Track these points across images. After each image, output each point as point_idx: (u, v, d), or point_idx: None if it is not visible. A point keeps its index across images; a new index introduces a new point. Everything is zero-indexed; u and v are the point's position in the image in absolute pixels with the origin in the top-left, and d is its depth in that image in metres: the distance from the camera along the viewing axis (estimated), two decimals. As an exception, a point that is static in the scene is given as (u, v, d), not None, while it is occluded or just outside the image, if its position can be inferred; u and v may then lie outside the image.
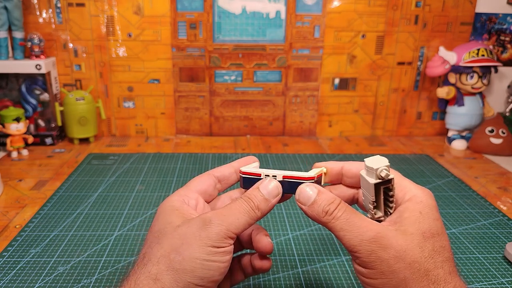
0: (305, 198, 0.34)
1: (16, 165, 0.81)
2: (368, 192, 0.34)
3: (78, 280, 0.48)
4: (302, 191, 0.34)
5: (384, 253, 0.30)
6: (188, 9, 0.92)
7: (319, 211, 0.33)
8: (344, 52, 0.97)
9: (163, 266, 0.30)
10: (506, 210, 0.68)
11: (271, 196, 0.34)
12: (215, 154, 0.89)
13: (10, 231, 0.59)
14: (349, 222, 0.31)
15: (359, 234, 0.31)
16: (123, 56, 0.94)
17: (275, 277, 0.50)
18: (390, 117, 1.04)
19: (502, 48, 1.01)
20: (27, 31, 0.90)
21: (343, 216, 0.32)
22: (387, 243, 0.30)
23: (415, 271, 0.30)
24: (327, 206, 0.32)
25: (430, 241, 0.31)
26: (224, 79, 0.98)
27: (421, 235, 0.31)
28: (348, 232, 0.31)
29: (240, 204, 0.33)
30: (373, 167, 0.32)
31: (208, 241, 0.30)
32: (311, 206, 0.33)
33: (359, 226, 0.31)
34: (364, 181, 0.34)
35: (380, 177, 0.33)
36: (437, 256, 0.31)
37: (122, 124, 1.00)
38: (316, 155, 0.89)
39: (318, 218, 0.33)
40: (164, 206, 0.35)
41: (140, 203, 0.67)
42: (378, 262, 0.30)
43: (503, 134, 0.92)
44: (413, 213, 0.32)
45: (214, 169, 0.40)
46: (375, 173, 0.33)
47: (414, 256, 0.30)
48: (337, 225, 0.32)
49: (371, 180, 0.33)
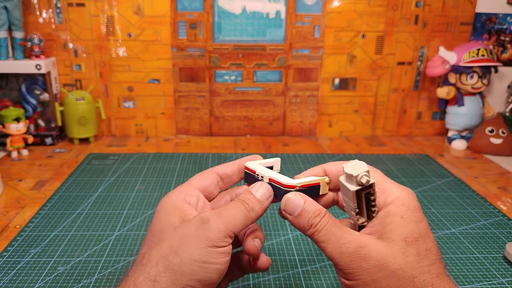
0: (291, 209, 0.33)
1: (16, 165, 0.82)
2: (349, 199, 0.33)
3: (78, 280, 0.48)
4: (289, 201, 0.33)
5: (364, 263, 0.30)
6: (188, 9, 0.92)
7: (305, 223, 0.32)
8: (344, 52, 0.97)
9: (162, 268, 0.30)
10: (506, 210, 0.68)
11: (263, 198, 0.35)
12: (215, 154, 0.89)
13: (10, 231, 0.59)
14: (329, 234, 0.31)
15: (339, 247, 0.31)
16: (123, 56, 0.94)
17: (275, 277, 0.50)
18: (390, 117, 1.04)
19: (502, 48, 1.01)
20: (27, 31, 0.90)
21: (325, 227, 0.32)
22: (367, 253, 0.30)
23: (399, 279, 0.29)
24: (312, 219, 0.32)
25: (414, 246, 0.30)
26: (224, 79, 0.98)
27: (403, 241, 0.30)
28: (329, 244, 0.31)
29: (236, 205, 0.33)
30: (352, 173, 0.32)
31: (207, 241, 0.30)
32: (297, 217, 0.33)
33: (340, 237, 0.31)
34: (344, 188, 0.33)
35: (361, 183, 0.32)
36: (422, 260, 0.30)
37: (122, 124, 1.00)
38: (316, 155, 0.89)
39: (303, 230, 0.33)
40: (164, 204, 0.35)
41: (140, 203, 0.67)
42: (359, 272, 0.30)
43: (503, 134, 0.92)
44: (395, 218, 0.32)
45: (218, 166, 0.39)
46: (355, 180, 0.32)
47: (397, 263, 0.30)
48: (319, 237, 0.32)
49: (351, 187, 0.32)
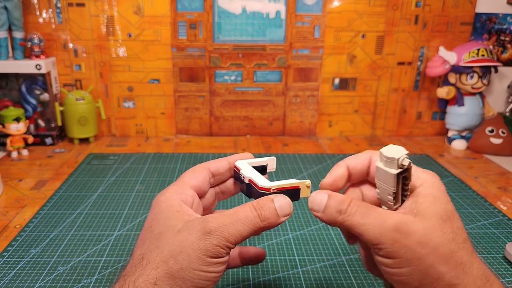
0: (317, 205, 0.33)
1: (16, 165, 0.81)
2: (387, 184, 0.33)
3: (78, 280, 0.48)
4: (314, 199, 0.33)
5: (407, 240, 0.29)
6: (188, 9, 0.92)
7: (332, 212, 0.32)
8: (344, 52, 0.97)
9: (162, 272, 0.30)
10: (506, 210, 0.68)
11: (282, 214, 0.33)
12: (215, 154, 0.89)
13: (10, 231, 0.59)
14: (365, 215, 0.31)
15: (379, 225, 0.30)
16: (123, 56, 0.94)
17: (275, 277, 0.50)
18: (390, 117, 1.04)
19: (502, 48, 1.01)
20: (27, 31, 0.90)
21: (359, 211, 0.31)
22: (409, 229, 0.30)
23: (441, 255, 0.29)
24: (339, 206, 0.32)
25: (449, 223, 0.31)
26: (224, 79, 0.98)
27: (440, 218, 0.31)
28: (367, 225, 0.30)
29: (248, 212, 0.32)
30: (394, 157, 0.31)
31: (206, 252, 0.30)
32: (324, 211, 0.33)
33: (377, 217, 0.31)
34: (383, 173, 0.33)
35: (402, 166, 0.32)
36: (458, 238, 0.31)
37: (122, 124, 1.00)
38: (316, 155, 0.89)
39: (334, 220, 0.32)
40: (162, 205, 0.34)
41: (140, 203, 0.67)
42: (403, 250, 0.29)
43: (503, 134, 0.92)
44: (428, 198, 0.32)
45: (210, 162, 0.39)
46: (396, 163, 0.32)
47: (437, 239, 0.30)
48: (355, 221, 0.31)
49: (392, 170, 0.32)
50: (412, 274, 0.29)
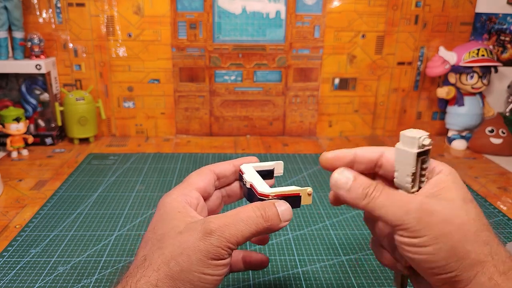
0: (343, 183, 0.33)
1: (16, 165, 0.81)
2: (406, 164, 0.33)
3: (78, 280, 0.48)
4: (339, 178, 0.33)
5: (433, 218, 0.30)
6: (188, 9, 0.92)
7: (358, 194, 0.32)
8: (344, 52, 0.97)
9: (163, 274, 0.30)
10: (506, 210, 0.68)
11: (283, 219, 0.33)
12: (215, 154, 0.89)
13: (10, 231, 0.59)
14: (390, 198, 0.31)
15: (403, 206, 0.30)
16: (123, 56, 0.94)
17: (275, 277, 0.50)
18: (390, 117, 1.04)
19: (502, 48, 1.01)
20: (27, 31, 0.90)
21: (383, 194, 0.31)
22: (433, 209, 0.30)
23: (466, 233, 0.30)
24: (366, 189, 0.32)
25: (471, 206, 0.31)
26: (224, 79, 0.98)
27: (462, 200, 0.31)
28: (391, 206, 0.31)
29: (250, 212, 0.32)
30: (415, 136, 0.32)
31: (207, 254, 0.30)
32: (349, 190, 0.32)
33: (401, 199, 0.31)
34: (402, 153, 0.33)
35: (422, 146, 0.32)
36: (481, 219, 0.31)
37: (122, 124, 1.00)
38: (316, 155, 0.89)
39: (357, 202, 0.32)
40: (167, 206, 0.34)
41: (140, 203, 0.67)
42: (428, 228, 0.29)
43: (503, 134, 0.92)
44: (447, 183, 0.32)
45: (215, 165, 0.39)
46: (417, 143, 0.32)
47: (462, 218, 0.30)
48: (378, 203, 0.31)
49: (413, 149, 0.32)
50: (438, 252, 0.29)
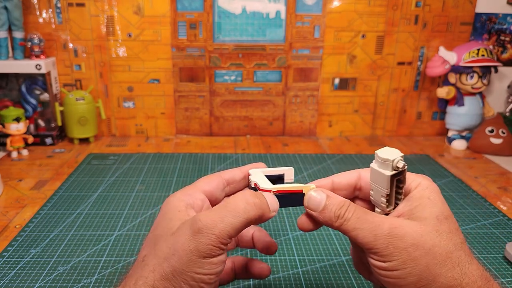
0: (315, 204, 0.33)
1: (16, 165, 0.81)
2: (381, 185, 0.33)
3: (78, 280, 0.48)
4: (311, 197, 0.33)
5: (401, 243, 0.29)
6: (188, 9, 0.92)
7: (331, 216, 0.32)
8: (344, 52, 0.97)
9: (158, 275, 0.30)
10: (506, 210, 0.68)
11: (272, 208, 0.33)
12: (215, 154, 0.89)
13: (10, 231, 0.59)
14: (361, 220, 0.31)
15: (373, 230, 0.30)
16: (123, 56, 0.94)
17: (275, 277, 0.50)
18: (390, 117, 1.04)
19: (502, 48, 1.01)
20: (27, 31, 0.90)
21: (354, 215, 0.31)
22: (402, 232, 0.30)
23: (436, 256, 0.30)
24: (338, 210, 0.32)
25: (445, 224, 0.31)
26: (224, 79, 0.98)
27: (435, 219, 0.31)
28: (362, 230, 0.31)
29: (238, 202, 0.31)
30: (389, 158, 0.32)
31: (198, 253, 0.29)
32: (322, 212, 0.33)
33: (372, 222, 0.31)
34: (377, 174, 0.33)
35: (396, 168, 0.32)
36: (455, 238, 0.31)
37: (122, 124, 1.00)
38: (316, 155, 0.89)
39: (330, 223, 0.32)
40: (168, 206, 0.34)
41: (140, 203, 0.67)
42: (396, 252, 0.29)
43: (503, 134, 0.92)
44: (423, 200, 0.32)
45: (225, 171, 0.39)
46: (391, 165, 0.32)
47: (433, 240, 0.30)
48: (350, 226, 0.31)
49: (386, 172, 0.32)
50: (406, 277, 0.29)
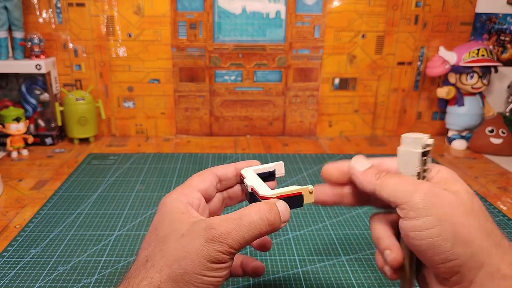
0: (361, 165, 0.36)
1: (16, 165, 0.81)
2: (412, 165, 0.34)
3: (78, 280, 0.48)
4: (358, 160, 0.37)
5: (438, 199, 0.30)
6: (188, 9, 0.92)
7: (371, 174, 0.35)
8: (344, 52, 0.97)
9: (165, 276, 0.30)
10: (506, 210, 0.68)
11: (283, 218, 0.33)
12: (215, 154, 0.89)
13: (10, 231, 0.59)
14: (401, 178, 0.33)
15: (412, 185, 0.32)
16: (123, 56, 0.94)
17: (275, 277, 0.50)
18: (390, 117, 1.04)
19: (502, 48, 1.01)
20: (27, 31, 0.90)
21: (395, 176, 0.34)
22: (440, 193, 0.31)
23: (470, 220, 0.30)
24: (379, 172, 0.35)
25: (475, 198, 0.32)
26: (224, 79, 0.98)
27: (466, 193, 0.32)
28: (401, 184, 0.32)
29: (253, 217, 0.32)
30: (418, 136, 0.34)
31: (209, 258, 0.30)
32: (365, 171, 0.35)
33: (411, 181, 0.32)
34: (406, 155, 0.34)
35: (426, 145, 0.33)
36: (484, 212, 0.31)
37: (122, 124, 1.00)
38: (316, 155, 0.89)
39: (370, 180, 0.35)
40: (168, 207, 0.34)
41: (140, 203, 0.67)
42: (433, 208, 0.30)
43: (503, 134, 0.92)
44: (448, 180, 0.33)
45: (217, 167, 0.39)
46: (420, 142, 0.33)
47: (466, 206, 0.31)
48: (390, 182, 0.33)
49: (416, 149, 0.34)
50: (443, 233, 0.29)
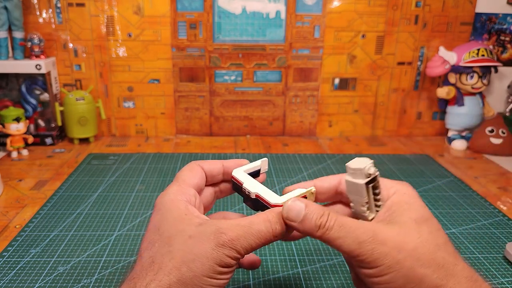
0: (294, 214, 0.32)
1: (16, 165, 0.81)
2: (358, 195, 0.34)
3: (78, 280, 0.48)
4: (290, 208, 0.32)
5: (384, 248, 0.30)
6: (188, 9, 0.92)
7: (311, 226, 0.31)
8: (344, 52, 0.97)
9: (175, 279, 0.30)
10: (506, 210, 0.68)
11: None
12: (215, 154, 0.89)
13: (10, 231, 0.59)
14: (343, 229, 0.31)
15: (356, 238, 0.30)
16: (123, 56, 0.94)
17: (275, 277, 0.50)
18: (390, 117, 1.04)
19: (502, 48, 1.01)
20: (27, 31, 0.90)
21: (336, 224, 0.31)
22: (384, 237, 0.30)
23: (419, 257, 0.30)
24: (319, 220, 0.31)
25: (425, 226, 0.31)
26: (224, 79, 0.98)
27: (414, 222, 0.31)
28: (345, 238, 0.31)
29: (262, 226, 0.32)
30: (360, 167, 0.33)
31: (219, 262, 0.30)
32: (302, 222, 0.32)
33: (354, 230, 0.31)
34: (352, 185, 0.34)
35: (369, 175, 0.33)
36: (436, 239, 0.31)
37: (122, 124, 1.00)
38: (316, 155, 0.89)
39: (312, 233, 0.32)
40: (168, 206, 0.34)
41: (140, 203, 0.67)
42: (381, 257, 0.30)
43: (503, 134, 0.92)
44: (401, 205, 0.33)
45: (203, 162, 0.39)
46: (363, 173, 0.33)
47: (414, 242, 0.30)
48: (332, 235, 0.31)
49: (360, 181, 0.33)
50: (394, 281, 0.30)
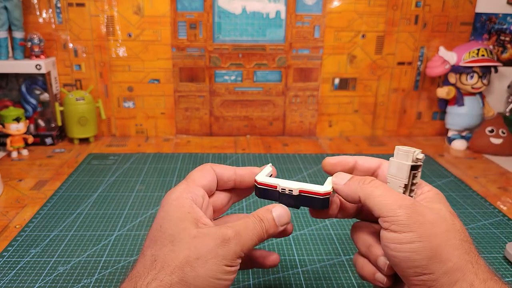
0: (342, 177, 0.36)
1: (16, 165, 0.81)
2: (400, 176, 0.35)
3: (78, 280, 0.48)
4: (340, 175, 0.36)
5: (421, 218, 0.31)
6: (188, 9, 0.92)
7: (355, 184, 0.34)
8: (344, 52, 0.97)
9: (177, 278, 0.29)
10: (506, 210, 0.68)
11: (280, 223, 0.35)
12: (215, 154, 0.89)
13: (10, 231, 0.59)
14: (387, 190, 0.33)
15: (397, 200, 0.32)
16: (123, 56, 0.94)
17: (275, 277, 0.50)
18: (390, 117, 1.04)
19: (502, 48, 1.01)
20: (27, 31, 0.90)
21: (380, 185, 0.34)
22: (423, 210, 0.32)
23: (450, 239, 0.31)
24: (362, 179, 0.34)
25: (457, 219, 0.33)
26: (224, 79, 0.98)
27: (449, 212, 0.33)
28: (387, 197, 0.32)
29: (254, 224, 0.33)
30: (410, 150, 0.34)
31: (224, 260, 0.30)
32: (348, 182, 0.35)
33: (397, 194, 0.33)
34: (397, 166, 0.35)
35: (416, 159, 0.34)
36: (465, 232, 0.33)
37: (122, 124, 1.00)
38: (316, 155, 0.89)
39: (354, 190, 0.34)
40: (173, 204, 0.34)
41: (140, 203, 0.67)
42: (416, 225, 0.31)
43: (503, 134, 0.92)
44: (435, 198, 0.35)
45: (216, 165, 0.39)
46: (411, 156, 0.34)
47: (448, 226, 0.32)
48: (376, 191, 0.33)
49: (407, 162, 0.34)
50: (422, 251, 0.30)
